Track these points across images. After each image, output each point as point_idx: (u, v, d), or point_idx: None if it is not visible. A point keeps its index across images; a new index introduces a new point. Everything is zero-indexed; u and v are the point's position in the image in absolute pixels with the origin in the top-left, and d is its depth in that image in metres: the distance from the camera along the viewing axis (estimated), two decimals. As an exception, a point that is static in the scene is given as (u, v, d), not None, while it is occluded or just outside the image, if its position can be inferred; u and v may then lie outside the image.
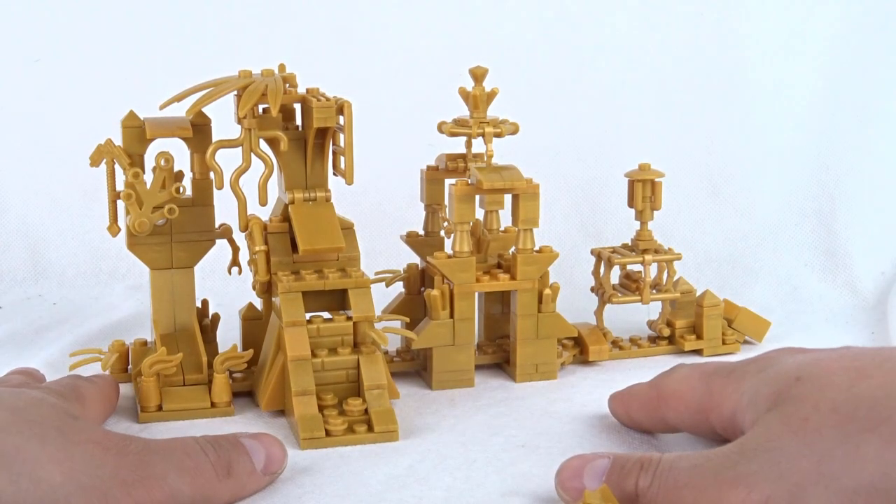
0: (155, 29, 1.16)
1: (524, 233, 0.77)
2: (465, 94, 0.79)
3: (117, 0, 1.16)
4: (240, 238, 0.77)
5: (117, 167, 0.72)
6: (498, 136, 0.78)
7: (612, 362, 0.83)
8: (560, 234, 1.06)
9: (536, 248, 0.78)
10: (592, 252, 0.86)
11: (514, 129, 0.80)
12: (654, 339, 0.86)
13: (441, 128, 0.80)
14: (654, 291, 0.84)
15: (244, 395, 0.75)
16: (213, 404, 0.71)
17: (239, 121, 0.72)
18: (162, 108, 0.72)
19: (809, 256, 1.04)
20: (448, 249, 0.79)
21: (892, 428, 0.49)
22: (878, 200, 1.08)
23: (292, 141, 0.74)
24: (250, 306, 0.78)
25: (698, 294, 0.85)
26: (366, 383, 0.70)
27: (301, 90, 0.75)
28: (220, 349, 0.76)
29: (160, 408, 0.71)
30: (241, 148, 0.72)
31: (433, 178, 0.83)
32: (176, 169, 0.72)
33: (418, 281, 0.83)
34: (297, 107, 0.76)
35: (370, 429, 0.68)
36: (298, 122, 0.76)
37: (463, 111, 0.80)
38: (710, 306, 0.83)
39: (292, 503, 0.59)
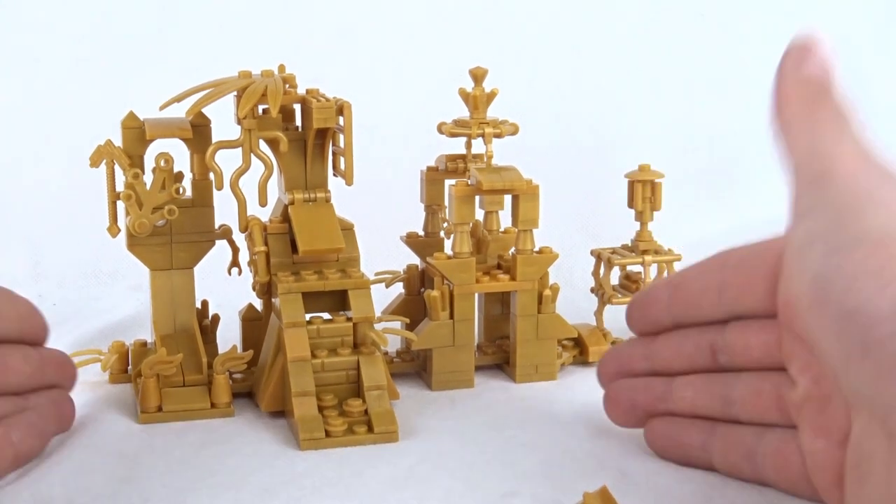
0: (155, 29, 1.16)
1: (524, 233, 0.77)
2: (464, 95, 0.79)
3: (117, 0, 1.16)
4: (240, 239, 0.77)
5: (117, 168, 0.72)
6: (498, 136, 0.78)
7: (612, 363, 0.83)
8: (560, 234, 1.05)
9: (536, 248, 0.78)
10: (592, 253, 0.86)
11: (514, 130, 0.80)
12: (654, 340, 0.86)
13: (441, 128, 0.80)
14: (654, 292, 0.84)
15: (244, 395, 0.75)
16: (212, 405, 0.71)
17: (239, 121, 0.72)
18: (162, 108, 0.72)
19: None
20: (448, 250, 0.79)
21: None
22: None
23: (292, 142, 0.74)
24: (250, 307, 0.78)
25: (698, 294, 0.85)
26: (366, 384, 0.70)
27: (301, 91, 0.75)
28: (220, 350, 0.76)
29: (160, 409, 0.71)
30: (240, 149, 0.72)
31: (433, 178, 0.83)
32: (176, 170, 0.72)
33: (418, 282, 0.83)
34: (297, 107, 0.76)
35: (370, 430, 0.68)
36: (298, 122, 0.76)
37: (463, 112, 0.80)
38: (710, 307, 0.83)
39: (292, 504, 0.59)
